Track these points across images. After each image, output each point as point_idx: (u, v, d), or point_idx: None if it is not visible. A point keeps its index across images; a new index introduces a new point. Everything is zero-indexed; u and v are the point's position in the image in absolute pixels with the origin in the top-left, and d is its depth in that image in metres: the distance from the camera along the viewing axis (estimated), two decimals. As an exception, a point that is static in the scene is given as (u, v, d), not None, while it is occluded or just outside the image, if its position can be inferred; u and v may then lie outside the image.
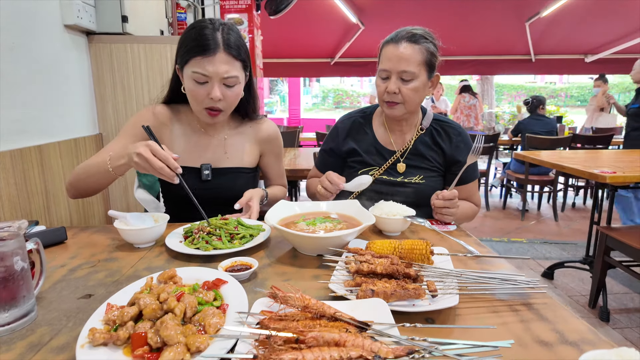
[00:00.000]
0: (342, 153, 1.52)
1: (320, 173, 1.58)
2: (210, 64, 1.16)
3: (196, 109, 1.26)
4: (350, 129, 1.52)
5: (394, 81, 1.31)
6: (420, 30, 1.34)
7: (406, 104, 1.34)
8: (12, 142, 1.35)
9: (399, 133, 1.47)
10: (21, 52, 1.41)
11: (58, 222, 1.58)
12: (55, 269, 0.94)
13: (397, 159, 1.45)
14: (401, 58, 1.29)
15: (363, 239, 1.03)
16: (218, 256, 0.96)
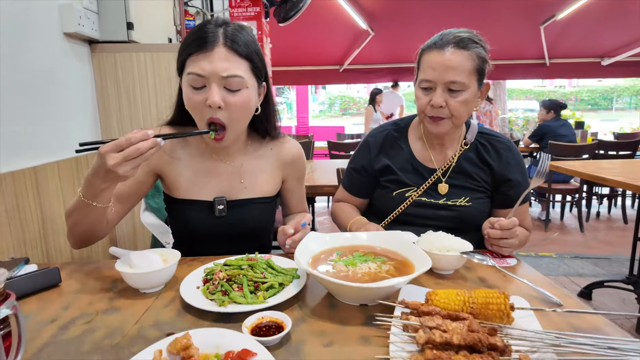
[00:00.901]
0: (374, 171, 1.33)
1: (348, 194, 1.40)
2: (207, 60, 0.96)
3: (200, 125, 1.04)
4: (383, 143, 1.33)
5: (440, 93, 1.13)
6: (467, 32, 1.15)
7: (454, 118, 1.16)
8: (2, 164, 1.19)
9: (440, 148, 1.29)
10: (14, 63, 1.26)
11: (56, 253, 1.42)
12: (43, 325, 0.77)
13: (438, 178, 1.26)
14: (448, 66, 1.11)
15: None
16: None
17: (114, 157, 0.82)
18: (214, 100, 0.97)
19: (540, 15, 5.97)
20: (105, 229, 1.04)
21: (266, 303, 0.78)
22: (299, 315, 0.78)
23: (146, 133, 0.84)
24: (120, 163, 0.82)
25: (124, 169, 0.83)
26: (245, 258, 0.94)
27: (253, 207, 1.19)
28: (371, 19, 5.92)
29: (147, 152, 0.84)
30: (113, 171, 0.82)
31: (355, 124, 16.80)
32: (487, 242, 1.10)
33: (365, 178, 1.35)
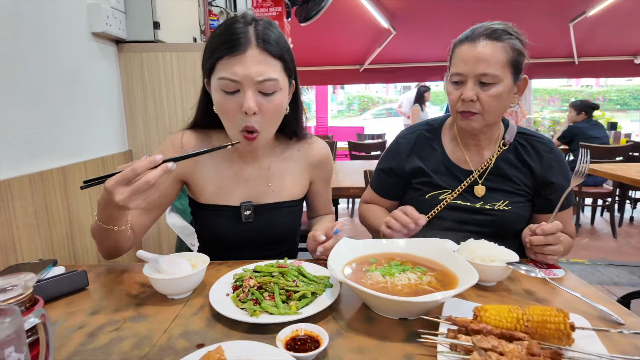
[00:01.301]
0: (405, 173, 1.27)
1: (377, 196, 1.35)
2: (240, 64, 0.90)
3: (231, 132, 1.00)
4: (415, 144, 1.28)
5: (471, 86, 1.07)
6: (501, 24, 1.10)
7: (486, 114, 1.10)
8: (31, 165, 1.19)
9: (476, 149, 1.22)
10: (42, 63, 1.25)
11: (82, 254, 1.41)
12: (71, 331, 0.74)
13: (475, 180, 1.19)
14: (479, 58, 1.06)
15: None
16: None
17: (121, 192, 0.76)
18: (249, 107, 0.92)
19: (569, 12, 5.75)
20: (131, 242, 1.01)
21: (300, 314, 0.74)
22: (335, 328, 0.74)
23: (154, 159, 0.77)
24: (129, 197, 0.76)
25: (134, 202, 0.77)
26: (276, 264, 0.89)
27: (280, 211, 1.14)
28: (393, 18, 5.83)
29: (157, 181, 0.77)
30: (122, 206, 0.77)
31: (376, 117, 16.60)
32: (529, 251, 1.03)
33: (394, 180, 1.30)
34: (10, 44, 1.12)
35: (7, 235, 1.08)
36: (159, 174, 0.76)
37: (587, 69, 7.39)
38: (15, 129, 1.14)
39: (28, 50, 1.19)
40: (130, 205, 0.77)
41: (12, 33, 1.13)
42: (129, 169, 0.76)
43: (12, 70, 1.13)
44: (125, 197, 0.76)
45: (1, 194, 1.06)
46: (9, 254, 1.09)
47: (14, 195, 1.11)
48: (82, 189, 0.81)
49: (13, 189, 1.10)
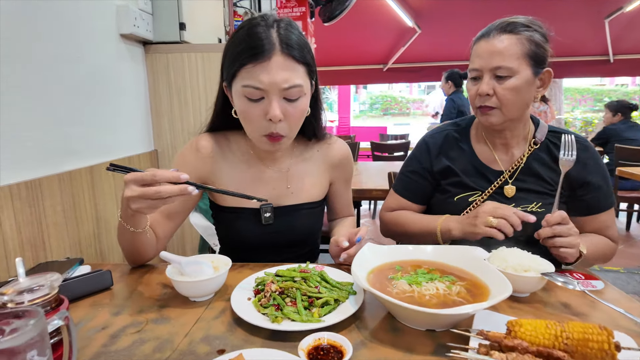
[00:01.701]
0: (435, 174, 1.23)
1: (403, 201, 1.29)
2: (265, 71, 0.88)
3: (253, 135, 0.98)
4: (443, 144, 1.24)
5: (487, 81, 1.06)
6: (522, 18, 1.08)
7: (504, 107, 1.07)
8: (60, 164, 1.22)
9: (504, 148, 1.18)
10: (73, 64, 1.28)
11: (109, 252, 1.44)
12: (94, 332, 0.75)
13: (505, 180, 1.15)
14: (493, 52, 1.05)
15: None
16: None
17: (132, 190, 0.75)
18: (275, 115, 0.90)
19: (605, 8, 5.51)
20: (154, 248, 1.01)
21: (322, 322, 0.72)
22: (359, 338, 0.71)
23: (177, 175, 0.76)
24: (136, 198, 0.76)
25: (137, 205, 0.77)
26: (298, 269, 0.88)
27: (300, 213, 1.13)
28: (418, 16, 5.74)
29: (168, 198, 0.75)
30: (126, 203, 0.77)
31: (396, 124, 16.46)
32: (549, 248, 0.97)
33: (423, 181, 1.25)
34: (42, 45, 1.15)
35: (37, 233, 1.11)
36: (174, 191, 0.76)
37: (623, 67, 7.06)
38: (45, 129, 1.17)
39: (59, 51, 1.22)
40: (132, 205, 0.77)
41: (44, 34, 1.16)
42: (149, 172, 0.76)
43: (44, 71, 1.16)
44: (132, 196, 0.76)
45: (32, 192, 1.09)
46: (38, 252, 1.11)
47: (44, 194, 1.13)
48: (107, 170, 0.82)
49: (43, 187, 1.13)
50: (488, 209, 0.99)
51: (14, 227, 1.03)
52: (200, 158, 1.08)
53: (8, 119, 1.04)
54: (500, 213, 0.96)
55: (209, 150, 1.09)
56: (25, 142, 1.09)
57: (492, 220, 0.96)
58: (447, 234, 1.10)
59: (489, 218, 0.97)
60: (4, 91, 1.03)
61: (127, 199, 0.76)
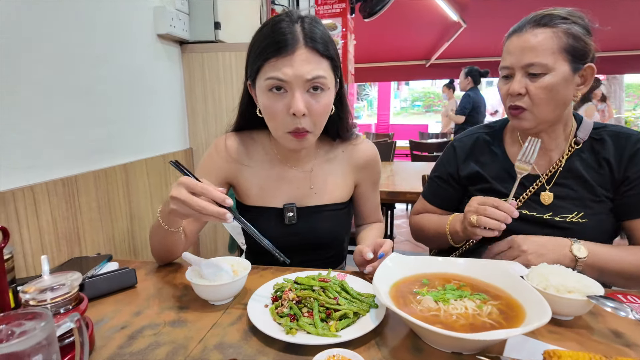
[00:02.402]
0: (462, 179, 1.17)
1: (430, 207, 1.24)
2: (289, 64, 0.87)
3: (277, 133, 0.97)
4: (472, 148, 1.17)
5: (518, 79, 0.97)
6: (560, 10, 0.97)
7: (536, 108, 0.97)
8: (96, 162, 1.26)
9: (542, 152, 1.07)
10: (111, 65, 1.32)
11: (141, 248, 1.48)
12: (114, 331, 0.75)
13: (542, 186, 1.05)
14: (525, 48, 0.96)
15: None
16: (310, 338, 0.69)
17: (180, 192, 0.77)
18: (298, 109, 0.88)
19: (675, -5, 4.99)
20: (183, 247, 1.02)
21: (339, 337, 0.68)
22: (377, 356, 0.66)
23: (224, 199, 0.78)
24: (179, 201, 0.77)
25: (177, 206, 0.79)
26: (317, 277, 0.84)
27: (324, 214, 1.10)
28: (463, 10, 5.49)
29: (205, 215, 0.77)
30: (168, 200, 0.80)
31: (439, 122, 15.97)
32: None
33: (450, 187, 1.20)
34: (81, 47, 1.19)
35: (72, 228, 1.15)
36: (214, 212, 0.77)
37: (694, 61, 6.39)
38: (84, 128, 1.21)
39: (99, 52, 1.26)
40: (173, 205, 0.79)
41: (84, 37, 1.20)
42: (202, 186, 0.78)
43: (83, 72, 1.20)
44: (177, 197, 0.77)
45: (68, 189, 1.13)
46: (73, 246, 1.16)
47: (80, 190, 1.18)
48: (170, 163, 0.88)
49: (79, 184, 1.17)
50: (472, 206, 0.96)
51: (51, 222, 1.07)
52: (227, 158, 1.08)
53: (48, 120, 1.08)
54: (482, 210, 0.91)
55: (235, 150, 1.09)
56: (64, 141, 1.14)
57: (473, 218, 0.92)
58: (455, 236, 1.07)
59: (472, 217, 0.92)
60: (44, 93, 1.07)
61: (171, 197, 0.79)
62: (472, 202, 0.97)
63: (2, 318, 0.52)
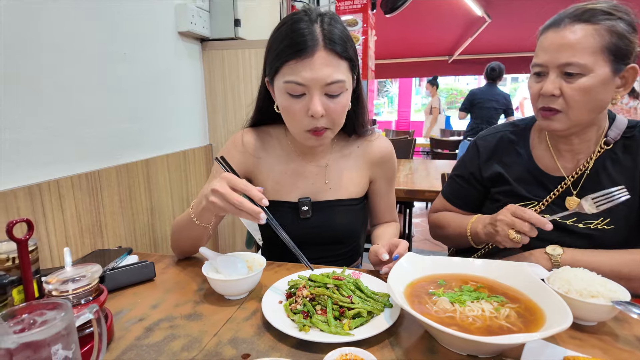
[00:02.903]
0: (484, 180, 1.13)
1: (449, 206, 1.21)
2: (307, 67, 0.87)
3: (295, 131, 0.98)
4: (496, 147, 1.12)
5: (553, 79, 0.91)
6: (603, 3, 0.90)
7: (571, 111, 0.91)
8: (118, 157, 1.29)
9: (570, 155, 1.02)
10: (133, 62, 1.35)
11: (161, 241, 1.51)
12: (132, 323, 0.77)
13: (567, 189, 1.00)
14: (562, 45, 0.88)
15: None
16: (323, 336, 0.69)
17: (222, 186, 0.80)
18: (317, 111, 0.89)
19: None
20: (205, 242, 1.04)
21: (352, 336, 0.67)
22: (390, 356, 0.66)
23: (261, 199, 0.80)
24: (219, 194, 0.79)
25: (216, 199, 0.80)
26: (332, 275, 0.84)
27: (338, 209, 1.10)
28: (488, 4, 5.35)
29: (242, 212, 0.79)
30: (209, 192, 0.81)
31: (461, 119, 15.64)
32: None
33: (472, 188, 1.16)
34: (104, 45, 1.22)
35: (95, 221, 1.18)
36: (250, 208, 0.78)
37: None
38: (106, 124, 1.24)
39: (121, 49, 1.29)
40: (211, 197, 0.81)
41: (107, 34, 1.23)
42: (244, 183, 0.81)
43: (105, 70, 1.23)
44: (219, 190, 0.79)
45: (92, 183, 1.17)
46: (96, 239, 1.19)
47: (103, 185, 1.21)
48: (215, 159, 0.93)
49: (102, 179, 1.21)
50: (507, 220, 0.89)
51: (75, 215, 1.11)
52: (244, 153, 1.10)
53: (73, 116, 1.12)
54: (519, 226, 0.87)
55: (252, 145, 1.10)
56: (88, 136, 1.17)
57: (513, 235, 0.87)
58: (476, 237, 1.03)
59: (510, 232, 0.88)
60: (69, 90, 1.10)
61: (212, 190, 0.81)
62: (506, 213, 0.90)
63: (26, 307, 0.54)
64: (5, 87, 0.93)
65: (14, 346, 0.46)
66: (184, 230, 0.99)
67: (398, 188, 1.89)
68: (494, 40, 6.39)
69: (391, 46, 6.52)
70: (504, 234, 0.89)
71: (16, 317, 0.52)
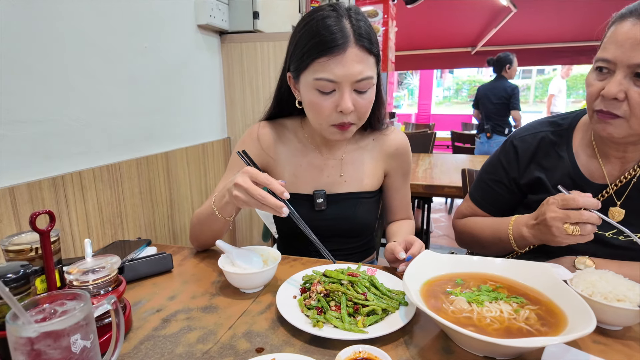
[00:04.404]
0: (523, 186, 1.03)
1: (478, 210, 1.12)
2: (340, 65, 0.86)
3: (320, 126, 0.98)
4: (537, 150, 1.01)
5: (619, 79, 0.78)
6: None
7: (634, 119, 0.80)
8: (139, 150, 1.31)
9: (620, 162, 0.93)
10: (153, 55, 1.36)
11: (180, 232, 1.54)
12: (150, 313, 0.79)
13: (610, 197, 0.92)
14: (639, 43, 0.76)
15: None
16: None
17: (244, 180, 0.81)
18: (347, 107, 0.90)
19: None
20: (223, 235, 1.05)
21: (366, 333, 0.67)
22: (404, 355, 0.65)
23: (282, 193, 0.81)
24: (242, 188, 0.81)
25: (238, 193, 0.82)
26: (347, 271, 0.83)
27: (353, 201, 1.10)
28: (514, -7, 5.17)
29: (264, 206, 0.80)
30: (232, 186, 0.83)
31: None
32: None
33: (507, 193, 1.06)
34: (125, 39, 1.23)
35: (116, 212, 1.21)
36: (272, 202, 0.79)
37: None
38: (127, 117, 1.26)
39: (142, 42, 1.31)
40: (235, 191, 0.83)
41: (129, 27, 1.24)
42: (265, 177, 0.82)
43: (125, 63, 1.24)
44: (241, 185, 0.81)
45: (113, 175, 1.19)
46: (117, 229, 1.22)
47: (123, 177, 1.23)
48: (237, 153, 0.97)
49: (122, 171, 1.23)
50: (559, 215, 0.81)
51: (96, 206, 1.14)
52: (261, 146, 1.10)
53: (97, 108, 1.14)
54: (576, 218, 0.79)
55: (268, 138, 1.11)
56: (110, 129, 1.19)
57: (571, 228, 0.79)
58: (521, 241, 0.94)
59: (567, 227, 0.80)
60: (94, 82, 1.12)
61: (236, 184, 0.82)
62: (554, 208, 0.82)
63: (47, 297, 0.55)
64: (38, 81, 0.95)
65: (34, 335, 0.48)
66: (205, 223, 1.00)
67: (417, 183, 1.87)
68: (520, 31, 6.17)
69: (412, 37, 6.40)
70: (561, 232, 0.80)
71: (38, 306, 0.54)
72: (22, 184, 0.94)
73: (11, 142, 0.92)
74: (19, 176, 0.94)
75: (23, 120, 0.93)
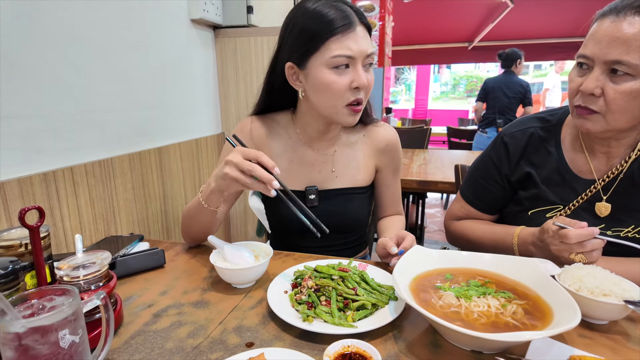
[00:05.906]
0: (513, 182, 1.04)
1: (473, 210, 1.11)
2: (353, 40, 0.90)
3: (335, 109, 0.95)
4: (527, 146, 1.02)
5: (596, 75, 0.80)
6: None
7: (610, 115, 0.82)
8: (132, 145, 1.31)
9: (606, 157, 0.94)
10: (146, 50, 1.35)
11: (173, 228, 1.54)
12: (141, 308, 0.79)
13: (597, 193, 0.93)
14: (617, 38, 0.77)
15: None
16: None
17: (235, 156, 0.82)
18: (363, 82, 0.92)
19: None
20: (215, 229, 1.05)
21: (355, 328, 0.68)
22: (393, 349, 0.65)
23: (274, 167, 0.81)
24: (233, 165, 0.81)
25: (229, 171, 0.82)
26: (337, 266, 0.84)
27: (345, 197, 1.10)
28: (511, -12, 5.17)
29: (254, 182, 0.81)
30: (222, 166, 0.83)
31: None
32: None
33: (499, 190, 1.07)
34: (120, 32, 1.22)
35: (108, 208, 1.21)
36: (262, 174, 0.80)
37: None
38: (119, 112, 1.26)
39: (135, 37, 1.30)
40: (225, 169, 0.83)
41: (122, 22, 1.23)
42: (255, 152, 0.82)
43: (119, 58, 1.24)
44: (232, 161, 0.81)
45: (105, 171, 1.19)
46: (109, 225, 1.22)
47: (116, 172, 1.23)
48: (226, 138, 0.94)
49: (115, 166, 1.23)
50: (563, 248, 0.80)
51: (89, 202, 1.13)
52: (253, 141, 1.10)
53: (89, 103, 1.13)
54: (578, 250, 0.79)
55: (259, 132, 1.11)
56: (102, 124, 1.19)
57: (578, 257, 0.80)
58: (527, 254, 0.92)
59: (573, 257, 0.80)
60: (85, 77, 1.11)
61: (226, 161, 0.82)
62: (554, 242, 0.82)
63: (36, 293, 0.55)
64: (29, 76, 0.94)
65: (22, 330, 0.48)
66: (193, 216, 1.00)
67: (410, 179, 1.87)
68: (517, 27, 6.17)
69: (409, 32, 6.38)
70: (569, 261, 0.80)
71: (26, 302, 0.54)
72: (13, 179, 0.93)
73: (2, 138, 0.91)
74: (9, 172, 0.94)
75: (14, 116, 0.93)
